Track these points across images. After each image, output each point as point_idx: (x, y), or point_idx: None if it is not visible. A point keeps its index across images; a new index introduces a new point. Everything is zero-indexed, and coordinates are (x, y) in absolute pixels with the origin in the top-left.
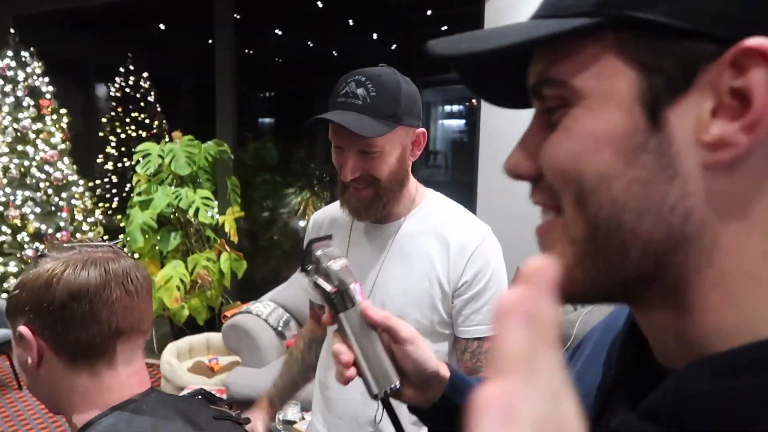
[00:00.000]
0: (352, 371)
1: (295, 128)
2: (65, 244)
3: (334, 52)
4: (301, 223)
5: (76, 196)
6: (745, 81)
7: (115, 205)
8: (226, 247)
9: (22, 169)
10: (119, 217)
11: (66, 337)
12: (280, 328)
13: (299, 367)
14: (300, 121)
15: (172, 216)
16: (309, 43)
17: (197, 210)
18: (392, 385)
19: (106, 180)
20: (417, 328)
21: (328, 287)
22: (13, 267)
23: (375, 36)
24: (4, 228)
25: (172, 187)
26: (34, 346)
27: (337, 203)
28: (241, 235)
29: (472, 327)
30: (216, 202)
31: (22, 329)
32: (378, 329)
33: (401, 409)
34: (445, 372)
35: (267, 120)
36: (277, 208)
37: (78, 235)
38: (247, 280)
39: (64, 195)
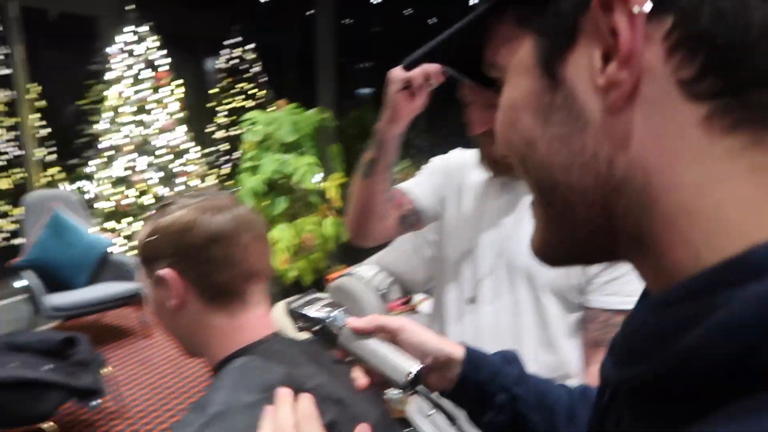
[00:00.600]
0: (363, 382)
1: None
2: (189, 194)
3: (432, 20)
4: None
5: (191, 162)
6: (611, 18)
7: (225, 171)
8: (330, 212)
9: (143, 137)
10: (229, 183)
11: (207, 279)
12: (383, 292)
13: None
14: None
15: (278, 182)
16: (407, 11)
17: (303, 175)
18: (409, 372)
19: (217, 148)
20: (552, 289)
21: (315, 328)
22: (138, 227)
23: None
24: (130, 191)
25: (278, 154)
26: (177, 287)
27: (468, 152)
28: (343, 200)
29: (605, 297)
30: (320, 169)
31: (165, 272)
32: (373, 335)
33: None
34: (458, 351)
35: (366, 90)
36: None
37: None
38: (350, 245)
39: (180, 161)
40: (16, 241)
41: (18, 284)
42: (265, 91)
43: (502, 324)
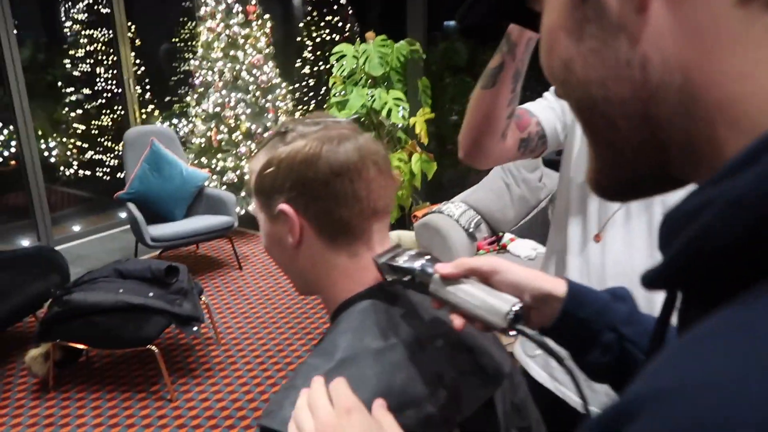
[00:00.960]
0: (460, 321)
1: (481, 30)
2: (306, 120)
3: None
4: None
5: (280, 98)
6: None
7: (312, 107)
8: (417, 148)
9: (234, 73)
10: None
11: (329, 216)
12: (471, 230)
13: None
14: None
15: (365, 117)
16: None
17: (390, 111)
18: (508, 311)
19: (303, 84)
20: None
21: (405, 279)
22: (230, 162)
23: None
24: (222, 127)
25: (366, 89)
26: (296, 224)
27: None
28: (429, 137)
29: None
30: (407, 104)
31: (284, 207)
32: (465, 279)
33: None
34: (560, 287)
35: (454, 22)
36: (464, 111)
37: None
38: (435, 182)
39: (269, 97)
40: (120, 175)
41: (122, 216)
42: (351, 24)
43: (634, 263)
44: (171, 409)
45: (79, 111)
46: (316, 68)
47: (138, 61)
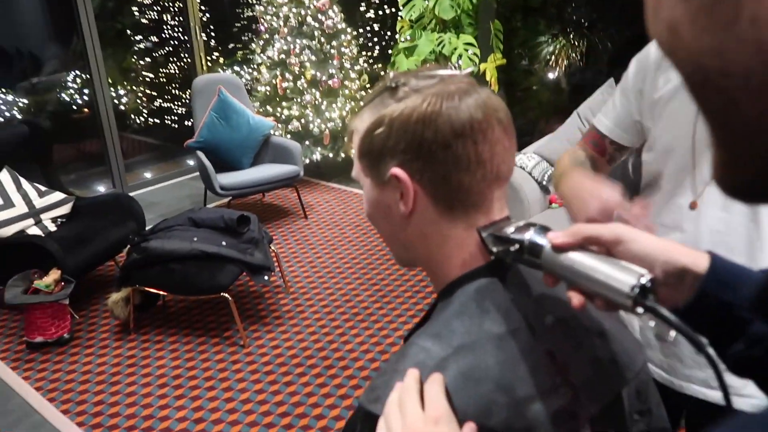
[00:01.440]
0: (578, 299)
1: None
2: (419, 73)
3: None
4: (551, 76)
5: (344, 44)
6: None
7: (376, 53)
8: None
9: (299, 18)
10: (379, 65)
11: (448, 181)
12: (544, 182)
13: None
14: None
15: (434, 63)
16: None
17: (459, 56)
18: (634, 284)
19: (368, 29)
20: None
21: (512, 249)
22: (295, 111)
23: None
24: (287, 75)
25: (435, 34)
26: (410, 190)
27: None
28: (499, 84)
29: None
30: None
31: (397, 171)
32: (582, 248)
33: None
34: (701, 262)
35: None
36: (536, 56)
37: (347, 83)
38: None
39: (334, 43)
40: (188, 123)
41: (191, 163)
42: None
43: (735, 231)
44: (244, 355)
45: (148, 59)
46: (381, 12)
47: (203, 8)
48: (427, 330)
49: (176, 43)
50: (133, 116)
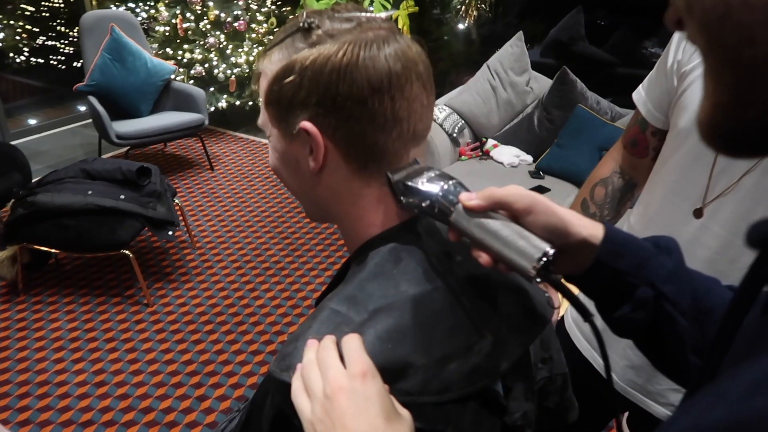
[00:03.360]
0: (486, 258)
1: None
2: (334, 14)
3: None
4: (461, 27)
5: None
6: None
7: None
8: None
9: None
10: (288, 9)
11: (362, 139)
12: (454, 135)
13: None
14: None
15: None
16: None
17: (372, 1)
18: (539, 257)
19: None
20: None
21: (424, 204)
22: (198, 54)
23: None
24: (188, 14)
25: None
26: (321, 146)
27: None
28: (411, 32)
29: None
30: None
31: (307, 125)
32: (494, 212)
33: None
34: (598, 233)
35: None
36: (447, 5)
37: (253, 26)
38: None
39: None
40: (77, 64)
41: (82, 109)
42: None
43: (737, 262)
44: (148, 314)
45: None
46: None
47: None
48: (342, 293)
49: None
50: (12, 54)
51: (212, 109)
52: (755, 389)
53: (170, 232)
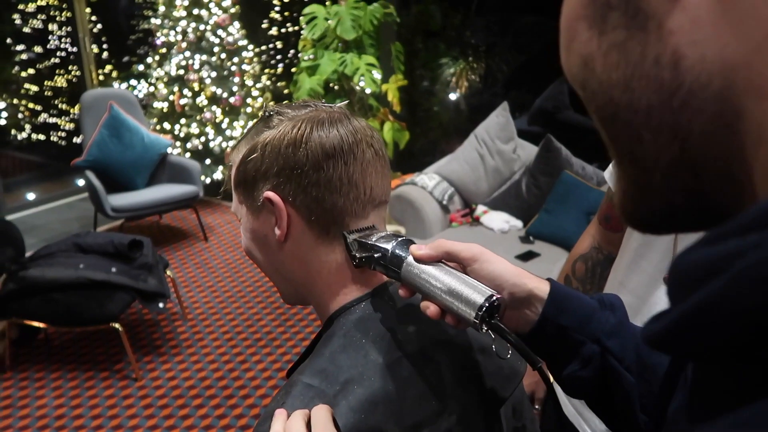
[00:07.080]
0: (434, 309)
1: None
2: (293, 104)
3: None
4: (454, 97)
5: (246, 61)
6: None
7: (279, 71)
8: (389, 116)
9: (198, 33)
10: (283, 83)
11: (321, 204)
12: (444, 202)
13: None
14: None
15: (336, 83)
16: None
17: (362, 77)
18: (482, 303)
19: (271, 46)
20: None
21: (376, 256)
22: (194, 128)
23: None
24: (185, 91)
25: (338, 53)
26: (284, 213)
27: None
28: (401, 104)
29: None
30: (380, 69)
31: (270, 195)
32: (441, 263)
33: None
34: (544, 288)
35: None
36: (437, 78)
37: (249, 101)
38: (406, 152)
39: (235, 60)
40: (77, 140)
41: (80, 183)
42: None
43: None
44: (136, 389)
45: (31, 70)
46: (284, 30)
47: (94, 18)
48: (313, 366)
49: (64, 54)
50: (13, 131)
51: (208, 180)
52: None
53: (161, 304)
